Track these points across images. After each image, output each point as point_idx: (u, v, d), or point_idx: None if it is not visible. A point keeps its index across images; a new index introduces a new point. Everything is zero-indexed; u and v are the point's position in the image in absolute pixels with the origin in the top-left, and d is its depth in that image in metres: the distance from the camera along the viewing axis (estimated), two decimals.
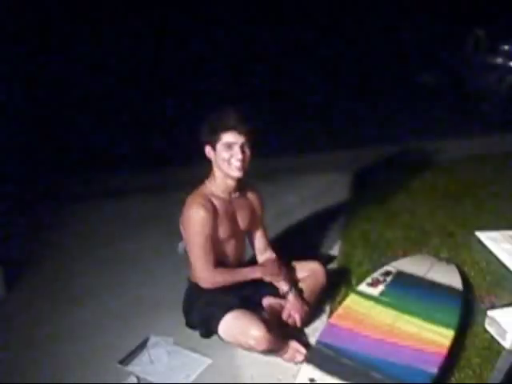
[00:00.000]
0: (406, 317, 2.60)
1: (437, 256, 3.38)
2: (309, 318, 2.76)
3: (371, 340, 2.45)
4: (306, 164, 5.32)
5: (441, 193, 4.40)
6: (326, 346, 2.41)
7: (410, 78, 8.05)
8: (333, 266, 3.38)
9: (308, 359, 2.36)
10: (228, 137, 2.52)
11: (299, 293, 2.76)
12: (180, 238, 2.75)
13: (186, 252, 2.72)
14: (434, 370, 2.27)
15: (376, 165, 5.15)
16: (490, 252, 3.35)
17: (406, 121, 6.44)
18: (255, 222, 2.82)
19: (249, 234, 2.87)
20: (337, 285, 3.07)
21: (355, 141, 5.82)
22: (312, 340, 2.64)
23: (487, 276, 3.15)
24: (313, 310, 2.80)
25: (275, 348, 2.48)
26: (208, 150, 2.60)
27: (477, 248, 3.46)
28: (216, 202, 2.61)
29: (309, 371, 2.27)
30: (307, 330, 2.74)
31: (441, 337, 2.46)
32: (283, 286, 2.74)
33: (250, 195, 2.80)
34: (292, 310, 2.67)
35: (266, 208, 2.89)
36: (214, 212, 2.57)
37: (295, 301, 2.70)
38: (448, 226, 3.84)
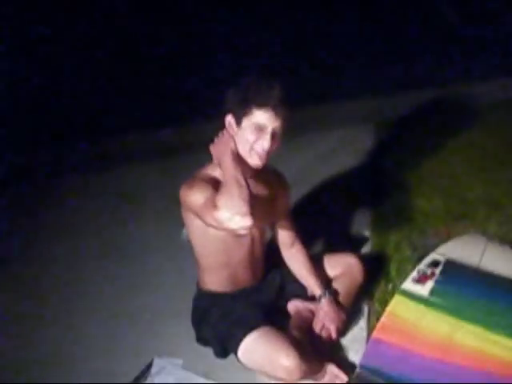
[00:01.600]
0: (465, 325, 2.15)
1: (484, 232, 2.90)
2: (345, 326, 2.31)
3: (426, 361, 2.01)
4: (322, 117, 4.70)
5: (480, 152, 3.85)
6: (373, 371, 1.97)
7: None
8: (365, 249, 2.90)
9: None
10: (262, 116, 1.96)
11: (334, 296, 2.30)
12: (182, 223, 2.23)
13: (190, 242, 2.24)
14: None
15: (402, 116, 4.54)
16: None
17: (434, 59, 5.65)
18: (278, 212, 2.31)
19: (271, 226, 2.37)
20: (373, 276, 2.59)
21: (375, 88, 5.13)
22: (351, 355, 2.20)
23: None
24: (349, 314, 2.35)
25: (309, 374, 2.03)
26: (229, 120, 2.04)
27: None
28: None
29: None
30: (344, 342, 2.29)
31: (509, 352, 2.00)
32: (315, 289, 2.28)
33: (272, 180, 2.25)
34: (326, 320, 2.21)
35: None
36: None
37: (330, 308, 2.24)
38: (493, 193, 3.33)
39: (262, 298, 2.31)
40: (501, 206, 3.19)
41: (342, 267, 2.39)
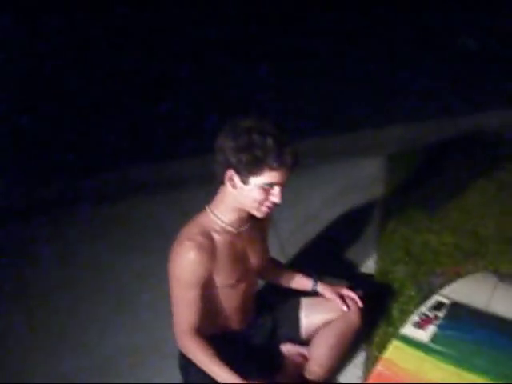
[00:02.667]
0: (469, 375, 1.97)
1: (496, 270, 2.72)
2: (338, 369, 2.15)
3: None
4: (328, 149, 4.54)
5: (496, 185, 3.67)
6: None
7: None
8: (367, 288, 2.73)
9: None
10: (274, 176, 1.82)
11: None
12: None
13: None
14: None
15: (413, 148, 4.37)
16: None
17: (447, 91, 5.51)
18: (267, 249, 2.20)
19: None
20: (373, 318, 2.43)
21: (383, 119, 4.95)
22: None
23: None
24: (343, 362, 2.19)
25: None
26: (231, 176, 1.84)
27: None
28: (220, 238, 1.94)
29: None
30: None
31: None
32: (305, 282, 2.31)
33: (262, 221, 2.11)
34: (339, 291, 2.26)
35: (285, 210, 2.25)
36: (215, 252, 1.92)
37: (329, 287, 2.27)
38: (507, 228, 3.14)
39: (253, 342, 2.18)
40: None
41: (336, 311, 2.22)
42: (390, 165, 4.11)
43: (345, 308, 2.17)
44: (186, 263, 1.87)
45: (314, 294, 2.28)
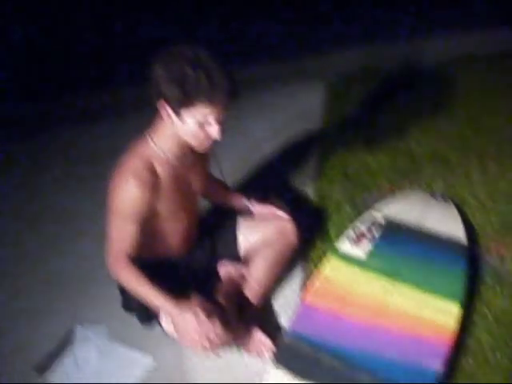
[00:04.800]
0: (400, 287, 2.06)
1: (430, 189, 2.81)
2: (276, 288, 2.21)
3: (358, 326, 1.91)
4: (269, 75, 4.48)
5: (430, 106, 3.73)
6: (300, 338, 1.87)
7: None
8: (306, 209, 2.78)
9: (276, 358, 1.81)
10: (207, 112, 1.73)
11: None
12: None
13: None
14: (438, 365, 1.75)
15: (352, 73, 4.36)
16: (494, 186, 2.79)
17: (382, 15, 5.46)
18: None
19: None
20: (311, 236, 2.49)
21: (323, 43, 4.89)
22: (283, 320, 2.10)
23: (494, 218, 2.58)
24: (281, 280, 2.24)
25: (234, 342, 1.93)
26: (164, 107, 1.75)
27: (476, 179, 2.88)
28: (162, 169, 1.87)
29: (277, 377, 1.73)
30: (275, 306, 2.19)
31: (444, 315, 1.93)
32: (239, 200, 2.34)
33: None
34: (271, 209, 2.28)
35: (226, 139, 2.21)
36: (157, 185, 1.85)
37: (262, 203, 2.28)
38: (440, 149, 3.22)
39: (193, 266, 2.18)
40: (448, 161, 3.09)
41: (273, 230, 2.25)
42: (330, 91, 4.11)
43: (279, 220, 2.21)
44: (128, 198, 1.80)
45: (249, 213, 2.31)
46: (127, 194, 1.79)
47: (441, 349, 1.81)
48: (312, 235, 2.50)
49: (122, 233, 1.84)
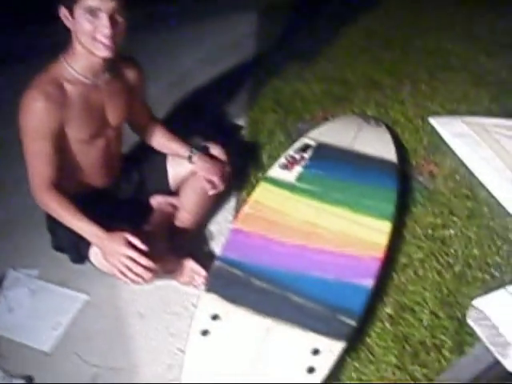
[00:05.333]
0: (331, 208, 2.04)
1: (363, 114, 2.79)
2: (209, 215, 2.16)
3: (288, 248, 1.89)
4: (201, 6, 4.32)
5: (364, 33, 3.68)
6: (231, 263, 1.83)
7: None
8: (238, 139, 2.72)
9: (208, 285, 1.78)
10: (94, 2, 1.65)
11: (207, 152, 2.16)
12: None
13: None
14: (370, 282, 1.76)
15: (284, 1, 4.25)
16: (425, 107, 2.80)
17: None
18: (135, 105, 2.07)
19: (129, 117, 2.12)
20: (243, 166, 2.44)
21: None
22: (216, 249, 2.07)
23: (425, 137, 2.60)
24: (213, 208, 2.19)
25: (166, 273, 1.89)
26: (63, 13, 1.71)
27: (409, 102, 2.88)
28: (73, 88, 1.79)
29: (210, 303, 1.71)
30: (208, 234, 2.16)
31: (375, 233, 1.94)
32: (181, 151, 2.14)
33: (128, 73, 1.99)
34: (206, 175, 2.09)
35: (156, 74, 2.12)
36: (66, 103, 1.77)
37: (205, 162, 2.11)
38: (374, 75, 3.20)
39: (120, 197, 2.12)
40: (381, 86, 3.08)
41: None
42: (261, 19, 4.00)
43: (211, 192, 2.10)
44: (33, 112, 1.73)
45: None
46: (34, 110, 1.73)
47: (372, 266, 1.81)
48: (245, 165, 2.46)
49: (38, 156, 1.77)
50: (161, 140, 2.18)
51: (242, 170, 2.41)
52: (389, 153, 2.36)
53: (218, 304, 1.70)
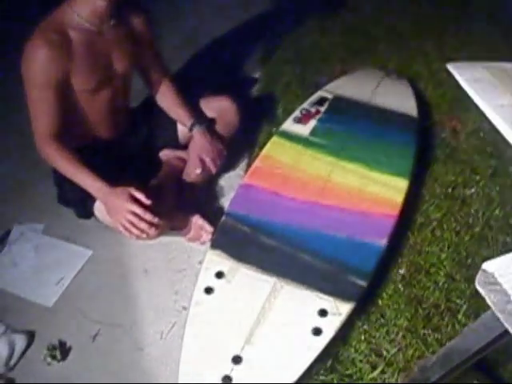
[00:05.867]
0: (345, 164, 1.95)
1: (385, 68, 2.66)
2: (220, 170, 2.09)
3: (299, 204, 1.81)
4: None
5: None
6: (239, 218, 1.76)
7: None
8: (253, 92, 2.62)
9: (214, 241, 1.72)
10: None
11: (210, 127, 2.05)
12: None
13: None
14: (383, 241, 1.67)
15: None
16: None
17: None
18: (142, 52, 1.97)
19: (140, 70, 2.03)
20: (257, 120, 2.35)
21: None
22: (226, 204, 2.00)
23: (448, 92, 2.46)
24: (225, 163, 2.11)
25: (173, 227, 1.83)
26: None
27: (433, 54, 2.74)
28: (77, 35, 1.70)
29: (215, 260, 1.64)
30: (218, 189, 2.08)
31: (391, 190, 1.84)
32: (186, 120, 2.02)
33: (133, 19, 1.89)
34: (201, 153, 1.98)
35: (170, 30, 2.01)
36: (71, 50, 1.69)
37: (203, 139, 1.99)
38: (397, 26, 3.04)
39: (128, 151, 2.04)
40: (404, 38, 2.93)
41: (215, 111, 2.10)
42: None
43: (198, 171, 1.98)
44: (36, 61, 1.65)
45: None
46: (37, 58, 1.65)
47: (386, 224, 1.73)
48: (260, 119, 2.36)
49: (41, 106, 1.70)
50: (168, 103, 2.07)
51: (255, 124, 2.31)
52: (410, 107, 2.25)
53: (224, 261, 1.63)
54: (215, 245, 1.69)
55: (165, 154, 2.10)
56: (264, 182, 1.87)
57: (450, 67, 1.38)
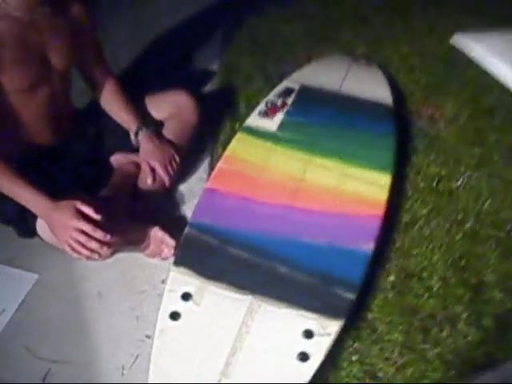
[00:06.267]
0: (320, 161, 1.75)
1: (352, 54, 2.47)
2: (180, 176, 1.87)
3: (272, 209, 1.60)
4: None
5: None
6: (204, 229, 1.54)
7: None
8: (211, 86, 2.40)
9: (177, 257, 1.49)
10: None
11: (158, 132, 1.83)
12: None
13: None
14: (369, 246, 1.48)
15: None
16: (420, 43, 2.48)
17: None
18: (83, 49, 1.73)
19: (80, 67, 1.79)
20: (218, 117, 2.13)
21: None
22: (188, 213, 1.79)
23: (422, 77, 2.29)
24: (185, 166, 1.89)
25: (130, 242, 1.60)
26: None
27: (404, 38, 2.57)
28: (5, 26, 1.46)
29: (180, 279, 1.42)
30: (178, 196, 1.86)
31: (373, 187, 1.65)
32: (131, 125, 1.79)
33: (71, 7, 1.64)
34: (149, 159, 1.74)
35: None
36: None
37: (151, 143, 1.77)
38: (361, 10, 2.87)
39: (71, 157, 1.80)
40: (369, 23, 2.75)
41: (170, 107, 1.89)
42: None
43: (149, 181, 1.75)
44: None
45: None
46: None
47: (371, 226, 1.54)
48: (220, 115, 2.15)
49: None
50: (112, 106, 1.84)
51: (216, 120, 2.09)
52: (383, 95, 2.07)
53: (190, 280, 1.41)
54: (179, 261, 1.46)
55: (116, 160, 1.87)
56: (230, 186, 1.66)
57: (458, 40, 1.19)
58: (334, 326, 1.30)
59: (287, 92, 2.03)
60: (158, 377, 1.25)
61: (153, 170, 1.74)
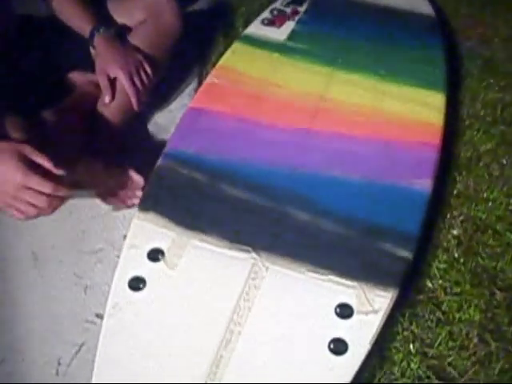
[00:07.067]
0: (345, 75, 1.26)
1: None
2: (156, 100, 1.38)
3: (283, 135, 1.12)
4: None
5: None
6: (185, 160, 1.06)
7: None
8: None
9: (145, 199, 1.01)
10: None
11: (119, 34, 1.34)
12: None
13: None
14: (426, 184, 1.01)
15: None
16: None
17: None
18: None
19: None
20: (209, 33, 1.64)
21: None
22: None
23: None
24: (163, 89, 1.40)
25: (84, 184, 1.11)
26: None
27: None
28: None
29: (148, 230, 0.94)
30: (159, 121, 1.37)
31: (423, 108, 1.17)
32: (84, 26, 1.29)
33: None
34: (108, 67, 1.26)
35: None
36: None
37: (109, 47, 1.28)
38: None
39: (16, 70, 1.31)
40: None
41: (142, 10, 1.39)
42: None
43: (107, 98, 1.27)
44: None
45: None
46: None
47: (427, 158, 1.07)
48: (211, 31, 1.66)
49: None
50: (64, 7, 1.34)
51: (206, 37, 1.61)
52: (422, 5, 1.59)
53: (162, 231, 0.93)
54: (146, 205, 0.98)
55: (73, 77, 1.37)
56: (224, 105, 1.18)
57: None
58: (384, 300, 0.83)
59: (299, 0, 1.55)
60: (104, 376, 0.78)
61: (113, 84, 1.25)
